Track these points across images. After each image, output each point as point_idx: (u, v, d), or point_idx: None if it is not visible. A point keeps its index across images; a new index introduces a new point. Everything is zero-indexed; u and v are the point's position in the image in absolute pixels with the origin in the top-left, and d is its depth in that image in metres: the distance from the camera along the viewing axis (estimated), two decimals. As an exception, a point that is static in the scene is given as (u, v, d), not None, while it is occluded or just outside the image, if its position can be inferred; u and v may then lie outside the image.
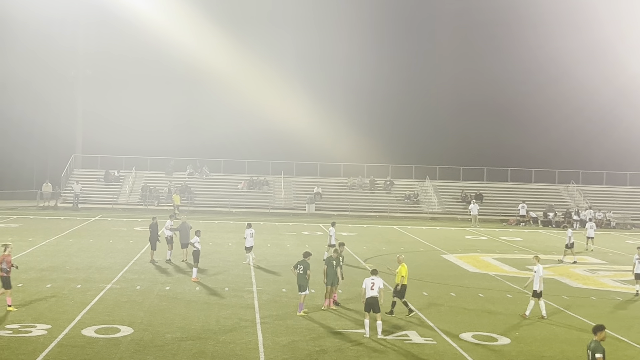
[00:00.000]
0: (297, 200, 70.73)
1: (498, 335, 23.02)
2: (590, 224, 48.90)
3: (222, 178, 74.18)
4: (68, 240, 43.02)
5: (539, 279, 26.01)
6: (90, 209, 63.72)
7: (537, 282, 25.99)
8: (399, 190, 74.21)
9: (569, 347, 22.07)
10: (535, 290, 26.03)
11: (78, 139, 75.82)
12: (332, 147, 76.70)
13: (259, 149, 77.38)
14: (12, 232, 45.85)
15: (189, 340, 21.15)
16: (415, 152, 79.56)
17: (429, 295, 29.20)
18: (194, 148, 75.95)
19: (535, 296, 26.02)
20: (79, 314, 23.84)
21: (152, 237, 35.91)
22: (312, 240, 46.65)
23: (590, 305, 28.60)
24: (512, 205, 69.59)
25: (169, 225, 37.08)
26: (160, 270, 33.16)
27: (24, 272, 31.08)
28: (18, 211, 61.25)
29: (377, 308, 22.40)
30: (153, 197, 68.41)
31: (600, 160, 79.04)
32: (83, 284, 28.98)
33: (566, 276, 35.49)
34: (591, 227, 48.16)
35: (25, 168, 76.20)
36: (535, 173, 77.41)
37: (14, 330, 21.57)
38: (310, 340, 21.67)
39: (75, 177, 71.01)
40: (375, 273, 23.02)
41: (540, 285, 26.04)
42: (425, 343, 21.89)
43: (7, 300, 24.34)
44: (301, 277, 25.21)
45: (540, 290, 26.02)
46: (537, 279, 26.01)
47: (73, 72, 76.03)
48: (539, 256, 27.57)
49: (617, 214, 68.32)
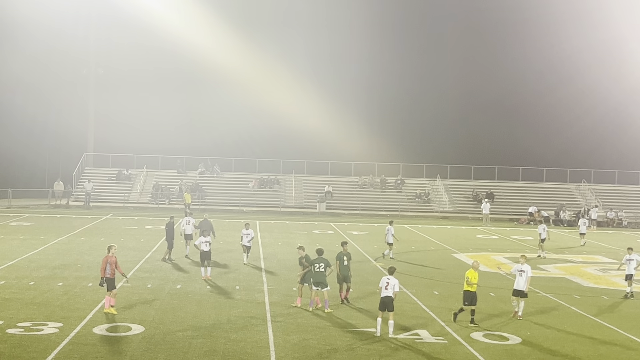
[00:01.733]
0: (308, 199, 70.74)
1: (509, 334, 22.93)
2: (583, 221, 51.53)
3: (233, 177, 74.26)
4: (79, 238, 43.14)
5: (526, 279, 25.12)
6: (102, 208, 63.92)
7: (524, 282, 25.07)
8: (409, 189, 74.12)
9: (581, 346, 21.98)
10: (521, 291, 25.12)
11: (90, 137, 76.04)
12: (343, 145, 76.69)
13: (270, 148, 77.50)
14: (24, 231, 46.04)
15: (200, 339, 21.16)
16: (426, 150, 79.53)
17: (440, 294, 29.14)
18: (205, 147, 76.09)
19: (517, 295, 25.22)
20: (91, 312, 23.88)
21: (169, 236, 35.97)
22: (323, 239, 46.62)
23: (602, 304, 28.49)
24: (524, 205, 69.42)
25: (191, 222, 37.86)
26: (171, 268, 33.21)
27: (36, 270, 31.22)
28: (30, 209, 61.50)
29: (392, 307, 22.33)
30: (164, 195, 68.54)
31: (613, 160, 78.81)
32: (94, 282, 29.02)
33: (578, 275, 35.37)
34: (583, 223, 50.81)
35: (37, 167, 76.55)
36: (547, 172, 77.20)
37: (26, 329, 21.62)
38: (321, 338, 21.65)
39: (87, 175, 71.26)
40: (392, 272, 22.93)
41: (526, 286, 25.18)
42: (436, 342, 21.84)
43: (111, 301, 23.95)
44: (321, 275, 25.19)
45: (526, 291, 25.22)
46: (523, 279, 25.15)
47: (85, 71, 76.26)
48: (525, 255, 27.11)
49: (629, 213, 68.06)
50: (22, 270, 31.23)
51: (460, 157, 78.12)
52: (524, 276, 25.25)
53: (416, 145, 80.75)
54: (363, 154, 76.34)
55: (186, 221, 38.25)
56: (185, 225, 37.97)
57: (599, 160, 78.78)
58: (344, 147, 76.53)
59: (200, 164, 74.69)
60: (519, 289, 25.29)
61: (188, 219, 38.42)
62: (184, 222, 38.56)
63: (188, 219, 38.53)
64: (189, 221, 38.09)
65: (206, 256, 30.56)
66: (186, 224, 37.96)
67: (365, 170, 75.97)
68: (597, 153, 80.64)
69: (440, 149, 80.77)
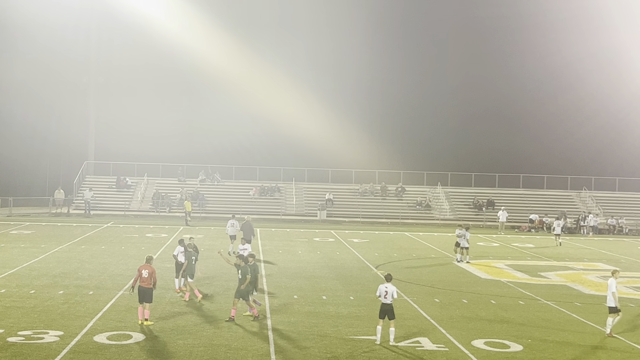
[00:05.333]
0: (309, 206, 70.74)
1: (510, 342, 22.90)
2: (558, 222, 54.84)
3: (233, 185, 74.29)
4: (80, 246, 43.13)
5: (610, 294, 24.11)
6: (102, 216, 63.92)
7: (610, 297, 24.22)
8: (410, 196, 74.12)
9: (582, 354, 21.95)
10: (610, 307, 24.29)
11: (90, 145, 76.06)
12: (344, 153, 76.70)
13: (271, 156, 77.50)
14: (24, 239, 46.03)
15: (201, 347, 21.13)
16: (426, 158, 79.50)
17: (441, 301, 29.11)
18: (205, 154, 76.13)
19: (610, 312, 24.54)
20: (91, 321, 23.86)
21: (246, 235, 38.97)
22: (323, 247, 46.61)
23: (604, 312, 28.41)
24: (524, 212, 69.39)
25: (235, 225, 42.41)
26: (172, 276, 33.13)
27: (36, 279, 31.21)
28: (31, 218, 61.51)
29: (392, 315, 22.31)
30: (165, 203, 68.54)
31: (614, 167, 78.82)
32: (95, 290, 29.03)
33: (579, 283, 35.34)
34: (558, 225, 54.43)
35: (38, 175, 76.59)
36: (548, 179, 77.19)
37: (26, 337, 21.61)
38: (322, 347, 21.63)
39: (88, 184, 71.26)
40: (389, 279, 22.91)
41: (612, 300, 24.15)
42: (437, 350, 21.81)
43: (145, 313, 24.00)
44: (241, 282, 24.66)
45: (614, 306, 24.20)
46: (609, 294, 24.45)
47: (85, 79, 76.38)
48: (616, 270, 25.83)
49: (630, 220, 68.03)
50: (23, 279, 31.21)
51: (461, 165, 78.12)
52: (609, 291, 24.48)
53: (417, 152, 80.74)
54: (364, 162, 76.35)
55: (231, 224, 42.57)
56: (230, 227, 42.47)
57: (600, 168, 78.78)
58: (344, 155, 76.54)
59: (201, 171, 74.71)
60: (608, 305, 24.55)
61: (232, 222, 42.66)
62: (228, 224, 42.82)
63: (232, 221, 42.73)
64: (233, 224, 42.49)
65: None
66: (230, 226, 42.47)
67: (366, 178, 75.99)
68: (597, 160, 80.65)
69: (441, 156, 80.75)
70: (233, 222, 42.60)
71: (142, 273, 24.19)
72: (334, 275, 35.15)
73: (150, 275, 24.14)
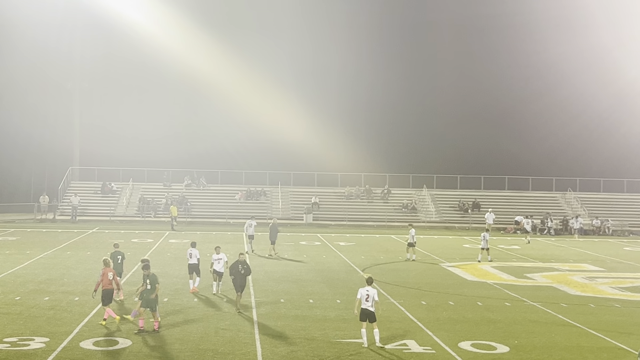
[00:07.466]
0: (295, 210, 70.72)
1: (497, 343, 22.95)
2: (527, 221, 59.34)
3: (219, 189, 74.22)
4: (66, 252, 42.94)
5: None
6: (88, 222, 63.67)
7: None
8: (396, 199, 74.23)
9: (569, 354, 22.01)
10: None
11: (75, 151, 75.78)
12: (329, 157, 76.78)
13: (256, 160, 77.53)
14: (9, 245, 45.80)
15: (188, 352, 21.08)
16: (412, 161, 79.68)
17: (428, 304, 29.15)
18: (191, 159, 76.09)
19: None
20: (77, 327, 23.75)
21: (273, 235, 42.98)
22: (310, 251, 46.61)
23: (589, 312, 28.55)
24: (510, 214, 69.56)
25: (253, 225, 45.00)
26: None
27: (22, 285, 31.05)
28: (15, 224, 61.19)
29: (373, 318, 22.32)
30: (150, 208, 68.36)
31: (598, 168, 79.21)
32: (81, 296, 28.90)
33: (565, 284, 35.44)
34: (527, 223, 58.93)
35: (22, 181, 76.28)
36: (533, 181, 77.50)
37: (12, 344, 21.49)
38: (310, 350, 21.61)
39: (73, 189, 70.98)
40: (370, 282, 22.87)
41: None
42: (424, 352, 21.83)
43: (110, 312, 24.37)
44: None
45: None
46: None
47: (69, 84, 76.10)
48: None
49: (615, 221, 68.33)
50: (8, 285, 31.05)
51: (446, 167, 78.36)
52: None
53: (402, 155, 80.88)
54: (349, 165, 76.44)
55: (249, 224, 45.23)
56: (248, 227, 45.12)
57: (585, 168, 79.15)
58: (330, 158, 76.62)
59: (186, 176, 74.59)
60: None
61: (251, 222, 45.26)
62: (246, 224, 45.73)
63: (251, 222, 45.31)
64: (251, 224, 45.06)
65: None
66: (248, 227, 45.10)
67: (351, 181, 76.09)
68: (582, 160, 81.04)
69: (426, 158, 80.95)
70: (252, 223, 45.17)
71: (109, 275, 24.65)
72: (321, 278, 35.14)
73: (114, 278, 25.05)
